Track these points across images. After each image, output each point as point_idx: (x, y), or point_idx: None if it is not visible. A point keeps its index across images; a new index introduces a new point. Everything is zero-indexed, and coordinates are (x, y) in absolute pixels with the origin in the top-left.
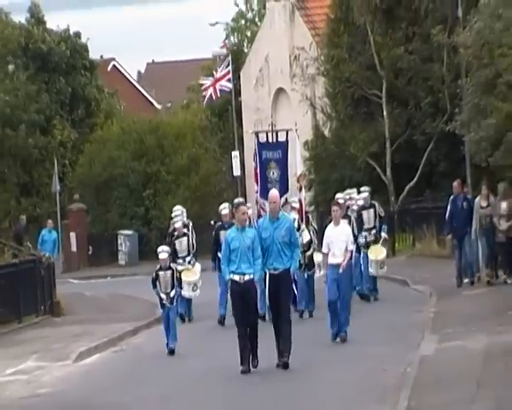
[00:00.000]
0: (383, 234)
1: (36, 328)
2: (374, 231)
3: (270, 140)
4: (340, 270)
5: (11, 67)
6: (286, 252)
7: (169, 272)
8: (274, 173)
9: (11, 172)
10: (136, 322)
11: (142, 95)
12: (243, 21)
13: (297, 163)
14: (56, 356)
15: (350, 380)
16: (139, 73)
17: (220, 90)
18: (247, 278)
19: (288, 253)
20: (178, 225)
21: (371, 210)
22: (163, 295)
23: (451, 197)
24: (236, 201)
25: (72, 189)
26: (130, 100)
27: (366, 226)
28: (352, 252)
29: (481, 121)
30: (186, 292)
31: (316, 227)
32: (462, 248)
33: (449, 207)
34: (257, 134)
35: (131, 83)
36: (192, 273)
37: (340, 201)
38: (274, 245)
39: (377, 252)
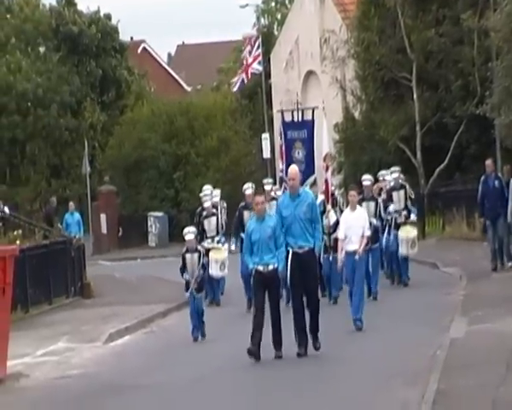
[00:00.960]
0: (413, 216)
1: (66, 309)
2: (404, 213)
3: (296, 119)
4: (356, 257)
5: (42, 49)
6: (309, 229)
7: (196, 255)
8: (299, 153)
9: (42, 154)
10: (167, 304)
11: (172, 77)
12: (273, 3)
13: (324, 143)
14: (87, 338)
15: (379, 363)
16: (169, 55)
17: (251, 73)
18: (271, 267)
19: (311, 230)
20: (207, 204)
21: (401, 191)
22: (189, 278)
23: (482, 178)
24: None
25: (102, 171)
26: (161, 82)
27: (397, 208)
28: (368, 238)
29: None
30: (214, 271)
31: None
32: (495, 229)
33: (480, 188)
34: (282, 113)
35: (161, 65)
36: (220, 252)
37: (366, 183)
38: (296, 223)
39: (408, 231)
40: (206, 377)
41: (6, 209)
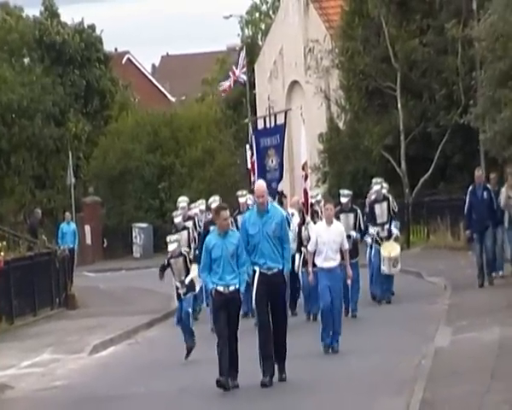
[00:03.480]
0: (395, 230)
1: (51, 321)
2: (387, 226)
3: (268, 125)
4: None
5: (26, 60)
6: (278, 248)
7: (181, 259)
8: (273, 161)
9: (26, 165)
10: (151, 315)
11: (157, 88)
12: (257, 14)
13: (302, 151)
14: (71, 349)
15: (364, 372)
16: (153, 65)
17: (235, 81)
18: (232, 288)
19: (281, 249)
20: (177, 220)
21: (384, 203)
22: (178, 284)
23: (470, 188)
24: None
25: (87, 181)
26: (145, 93)
27: (379, 221)
28: (348, 251)
29: (496, 116)
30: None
31: None
32: (482, 242)
33: (468, 199)
34: (254, 121)
35: (146, 76)
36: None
37: (344, 199)
38: (265, 241)
39: (390, 249)
40: (190, 387)
41: None
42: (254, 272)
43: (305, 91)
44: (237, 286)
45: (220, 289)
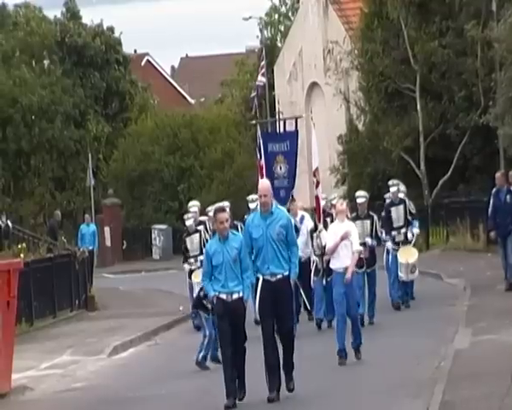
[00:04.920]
0: (415, 230)
1: (70, 322)
2: (403, 230)
3: (278, 130)
4: (348, 276)
5: (46, 63)
6: (284, 253)
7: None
8: (282, 168)
9: (46, 167)
10: (171, 316)
11: (176, 89)
12: (277, 16)
13: (314, 157)
14: (91, 350)
15: (383, 375)
16: (173, 67)
17: (257, 86)
18: (235, 296)
19: (286, 254)
20: (189, 222)
21: (401, 206)
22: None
23: (494, 190)
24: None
25: (107, 183)
26: (164, 95)
27: (395, 225)
28: (359, 253)
29: None
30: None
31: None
32: (506, 247)
33: (491, 201)
34: (260, 124)
35: (165, 77)
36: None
37: (361, 200)
38: (269, 245)
39: (407, 254)
40: (210, 389)
41: (9, 223)
42: (257, 279)
43: (324, 93)
44: (241, 294)
45: (223, 296)
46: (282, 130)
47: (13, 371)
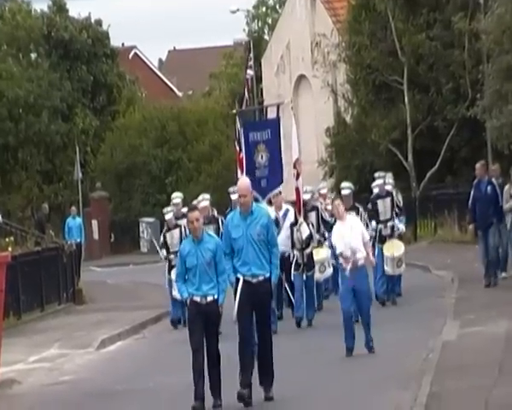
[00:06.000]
0: (401, 226)
1: (58, 316)
2: (390, 224)
3: (259, 118)
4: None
5: (33, 56)
6: (265, 253)
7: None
8: (263, 157)
9: (34, 160)
10: (158, 309)
11: (164, 82)
12: (264, 8)
13: (293, 147)
14: (79, 344)
15: (372, 366)
16: (160, 60)
17: (246, 80)
18: (209, 299)
19: (267, 254)
20: (168, 216)
21: (388, 199)
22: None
23: (475, 182)
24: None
25: (94, 177)
26: (152, 88)
27: (382, 218)
28: (372, 239)
29: (503, 107)
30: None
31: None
32: (487, 240)
33: (472, 193)
34: (243, 113)
35: (153, 70)
36: None
37: (345, 191)
38: (249, 246)
39: (393, 248)
40: None
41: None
42: (238, 279)
43: (312, 86)
44: (216, 297)
45: (197, 299)
46: (263, 118)
47: (0, 364)
